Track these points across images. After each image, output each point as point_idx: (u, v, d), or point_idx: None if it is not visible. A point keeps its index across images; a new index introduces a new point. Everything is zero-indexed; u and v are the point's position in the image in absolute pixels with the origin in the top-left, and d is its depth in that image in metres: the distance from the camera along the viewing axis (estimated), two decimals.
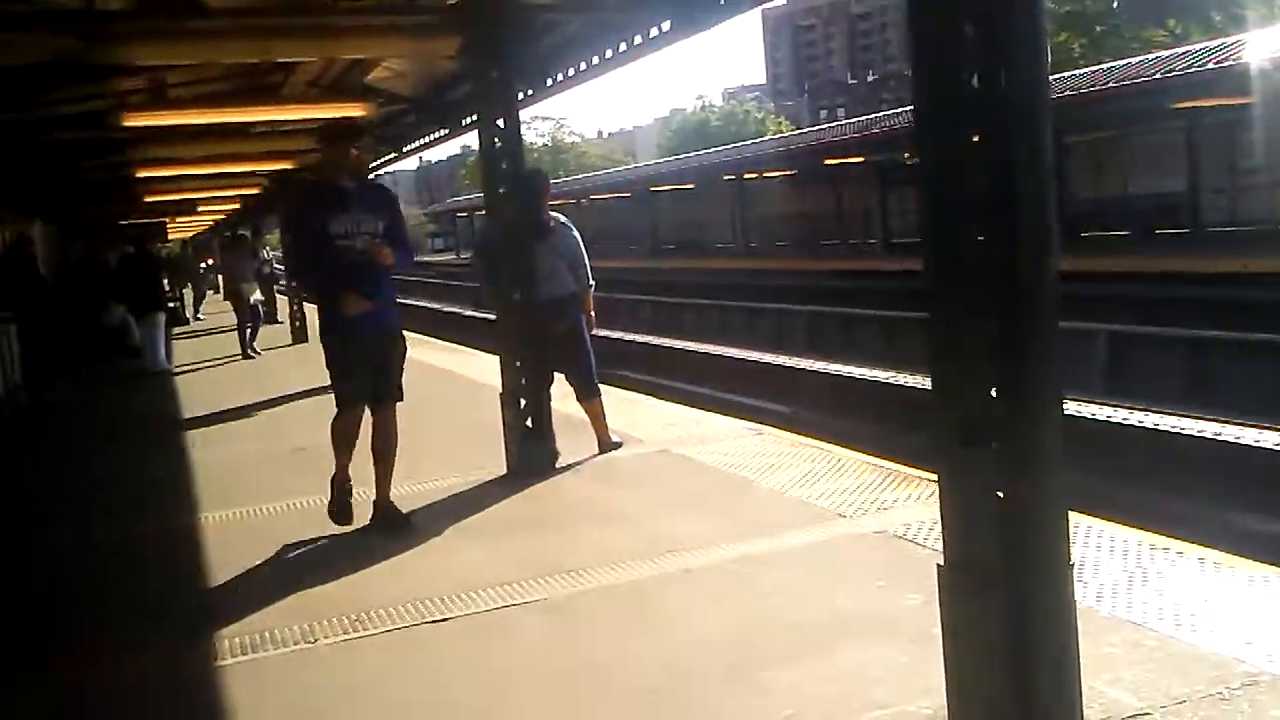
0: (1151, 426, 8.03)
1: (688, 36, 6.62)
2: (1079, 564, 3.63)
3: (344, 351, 5.19)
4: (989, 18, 2.44)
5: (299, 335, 15.90)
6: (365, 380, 5.23)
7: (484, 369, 10.95)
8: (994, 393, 2.49)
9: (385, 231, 5.17)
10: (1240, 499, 6.69)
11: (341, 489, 5.34)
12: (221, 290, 24.30)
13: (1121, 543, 4.12)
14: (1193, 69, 17.56)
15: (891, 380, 11.02)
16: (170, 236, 29.45)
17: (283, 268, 16.51)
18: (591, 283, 6.55)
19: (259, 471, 7.07)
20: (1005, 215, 2.44)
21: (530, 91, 8.31)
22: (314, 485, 6.29)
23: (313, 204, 5.31)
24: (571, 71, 7.90)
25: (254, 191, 17.83)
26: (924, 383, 10.20)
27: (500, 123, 6.12)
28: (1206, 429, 7.70)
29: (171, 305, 18.92)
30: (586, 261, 6.51)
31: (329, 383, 5.32)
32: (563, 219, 6.59)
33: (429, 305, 31.37)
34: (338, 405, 5.31)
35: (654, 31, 6.73)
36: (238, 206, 21.74)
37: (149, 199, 16.49)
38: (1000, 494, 2.49)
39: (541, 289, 6.17)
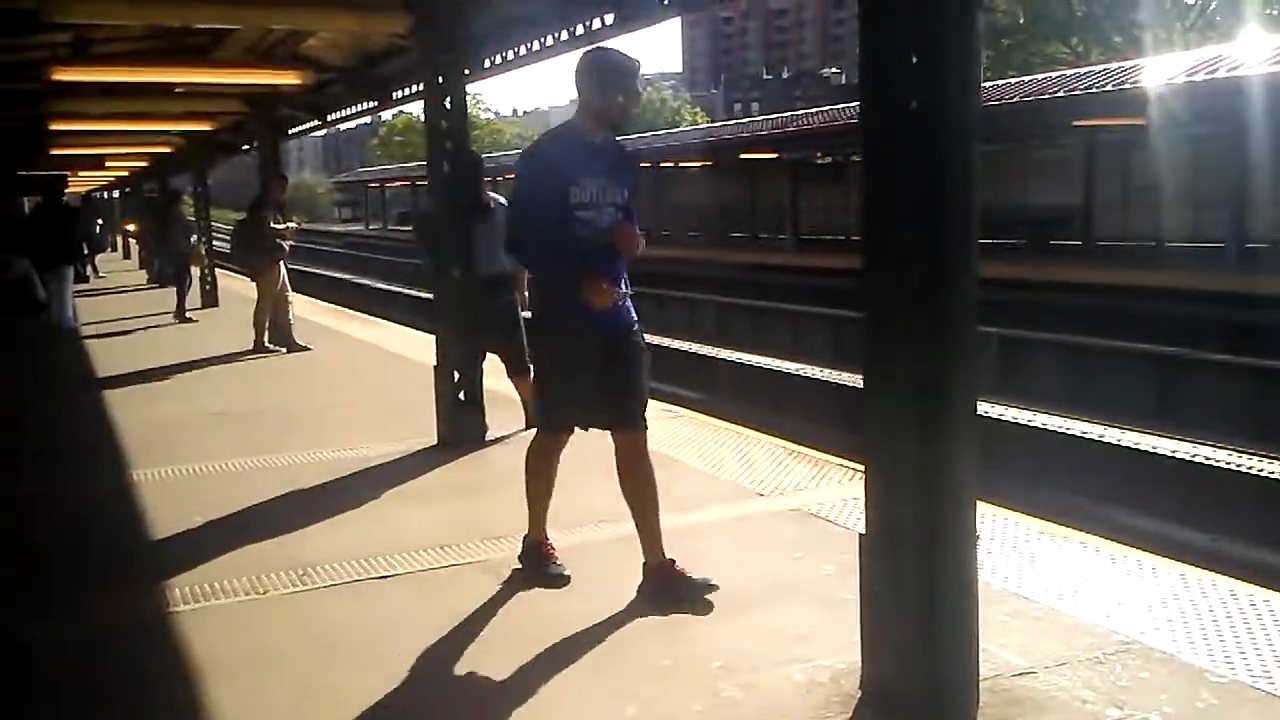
0: (1038, 425, 8.60)
1: (628, 31, 6.89)
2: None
3: (573, 355, 3.90)
4: (929, 50, 2.75)
5: (209, 299, 15.73)
6: (588, 397, 3.96)
7: (405, 343, 11.10)
8: (917, 382, 2.82)
9: (625, 204, 3.92)
10: (1115, 495, 7.27)
11: (540, 550, 4.20)
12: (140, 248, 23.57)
13: (1012, 526, 4.53)
14: (1093, 89, 18.45)
15: (798, 372, 11.48)
16: (69, 189, 28.51)
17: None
18: None
19: (183, 433, 7.13)
20: (936, 221, 2.77)
21: (467, 71, 8.49)
22: (236, 449, 6.45)
23: (558, 160, 3.83)
24: (510, 55, 8.09)
25: (165, 150, 17.55)
26: (827, 375, 10.75)
27: (447, 103, 6.29)
28: (1089, 430, 8.29)
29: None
30: None
31: (532, 392, 4.13)
32: (501, 199, 6.79)
33: (344, 277, 31.03)
34: (543, 426, 4.17)
35: (596, 23, 6.97)
36: (146, 164, 21.32)
37: (56, 151, 16.11)
38: (921, 474, 2.83)
39: (480, 268, 6.37)
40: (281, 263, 10.74)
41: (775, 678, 3.20)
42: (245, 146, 15.78)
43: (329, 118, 12.86)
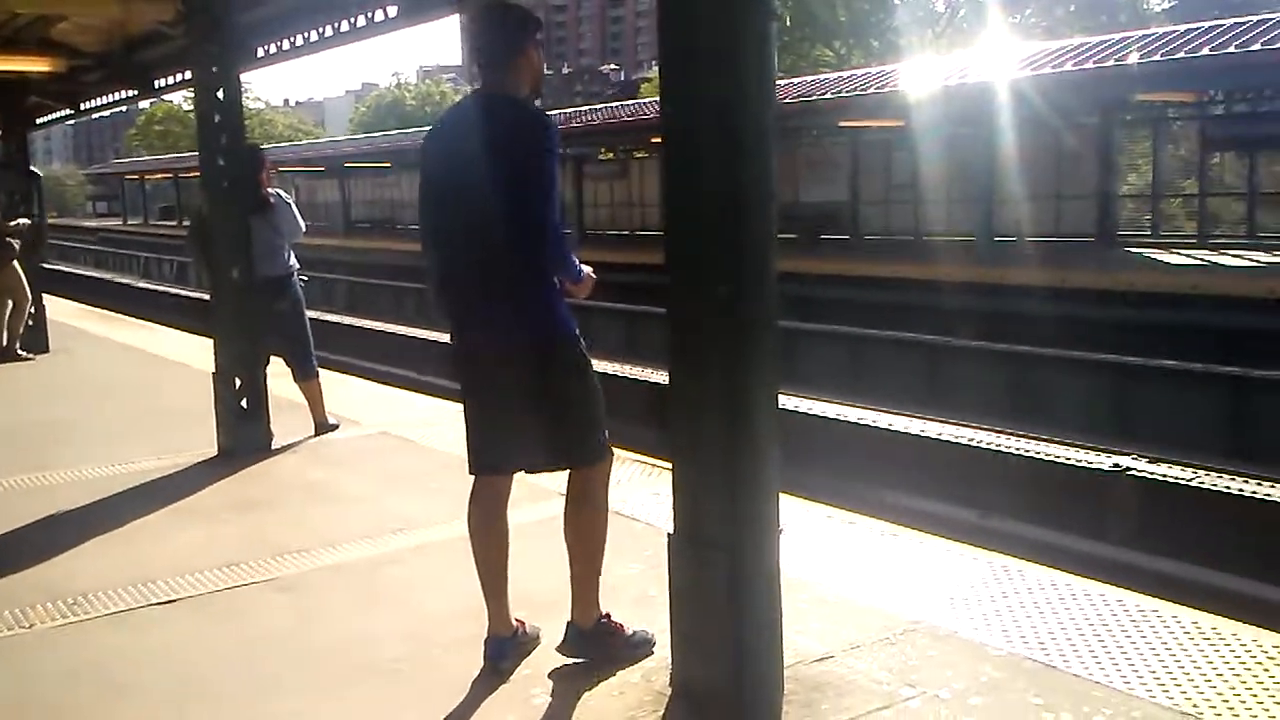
0: (818, 414, 8.98)
1: (413, 24, 6.73)
2: None
3: None
4: (727, 51, 2.81)
5: None
6: None
7: (176, 347, 10.48)
8: (721, 385, 2.88)
9: None
10: (891, 479, 7.69)
11: (610, 626, 3.37)
12: None
13: (802, 512, 4.71)
14: (857, 91, 19.46)
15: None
16: None
17: None
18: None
19: None
20: (734, 222, 2.83)
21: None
22: None
23: None
24: (287, 45, 7.75)
25: None
26: (627, 372, 10.87)
27: (220, 95, 5.96)
28: (865, 417, 8.73)
29: None
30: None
31: (585, 421, 3.26)
32: (282, 194, 6.49)
33: (102, 276, 28.99)
34: (603, 459, 3.34)
35: (379, 15, 6.77)
36: None
37: None
38: (726, 474, 2.89)
39: (261, 267, 6.08)
40: (16, 262, 9.90)
41: (587, 680, 3.20)
42: None
43: (83, 106, 11.95)
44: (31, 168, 14.27)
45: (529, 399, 3.20)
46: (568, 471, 3.32)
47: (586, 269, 3.26)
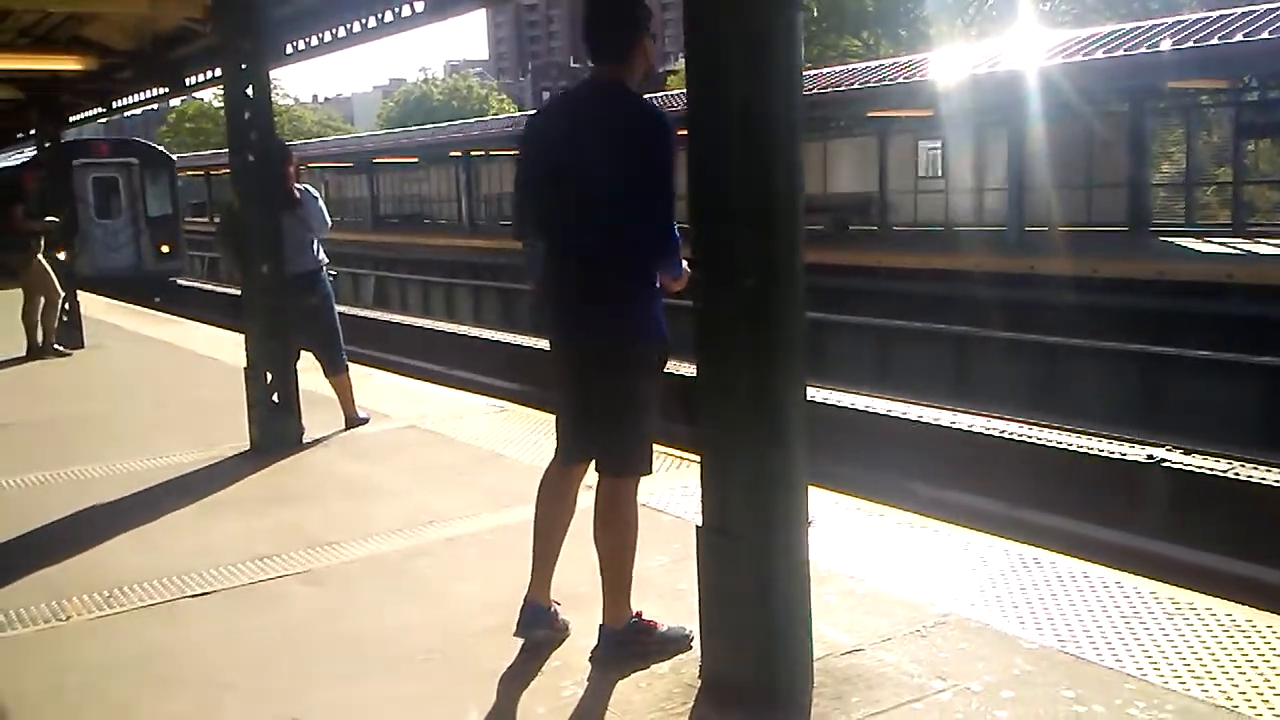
0: (846, 406, 8.95)
1: (441, 19, 6.76)
2: None
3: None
4: (755, 48, 2.80)
5: None
6: None
7: (208, 342, 10.58)
8: (749, 378, 2.88)
9: None
10: (920, 470, 7.64)
11: (642, 625, 3.35)
12: None
13: (833, 505, 4.69)
14: (885, 81, 19.33)
15: None
16: None
17: None
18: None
19: None
20: (762, 213, 2.82)
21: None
22: (26, 463, 6.00)
23: None
24: (315, 41, 7.81)
25: None
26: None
27: (249, 92, 6.00)
28: (893, 408, 8.68)
29: None
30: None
31: (630, 426, 3.24)
32: (310, 189, 6.53)
33: None
34: (639, 471, 3.29)
35: (406, 10, 6.80)
36: None
37: None
38: (754, 468, 2.88)
39: (290, 263, 6.12)
40: (43, 258, 10.02)
41: (617, 672, 3.19)
42: (21, 135, 14.63)
43: (115, 105, 12.06)
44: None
45: (601, 398, 3.24)
46: (597, 475, 3.33)
47: (683, 264, 3.24)
